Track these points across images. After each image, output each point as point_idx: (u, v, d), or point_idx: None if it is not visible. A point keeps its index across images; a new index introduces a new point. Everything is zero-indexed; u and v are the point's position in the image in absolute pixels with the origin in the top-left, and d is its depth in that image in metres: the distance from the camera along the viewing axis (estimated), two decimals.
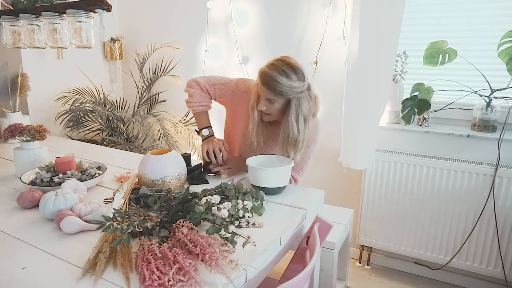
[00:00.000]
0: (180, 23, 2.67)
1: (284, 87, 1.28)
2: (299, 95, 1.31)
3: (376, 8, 1.84)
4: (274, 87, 1.28)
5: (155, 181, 1.27)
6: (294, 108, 1.31)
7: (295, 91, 1.30)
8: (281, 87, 1.27)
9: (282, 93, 1.29)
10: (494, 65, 1.85)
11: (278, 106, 1.34)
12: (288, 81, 1.28)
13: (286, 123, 1.34)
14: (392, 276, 2.19)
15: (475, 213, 1.89)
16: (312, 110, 1.38)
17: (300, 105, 1.32)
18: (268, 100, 1.34)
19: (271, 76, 1.28)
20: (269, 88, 1.29)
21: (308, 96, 1.34)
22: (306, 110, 1.34)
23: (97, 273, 0.84)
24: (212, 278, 0.83)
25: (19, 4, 1.81)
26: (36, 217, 1.14)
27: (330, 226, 1.16)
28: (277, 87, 1.27)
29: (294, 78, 1.29)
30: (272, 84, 1.28)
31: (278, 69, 1.29)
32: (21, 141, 1.51)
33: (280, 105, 1.34)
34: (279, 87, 1.28)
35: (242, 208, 1.07)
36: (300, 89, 1.31)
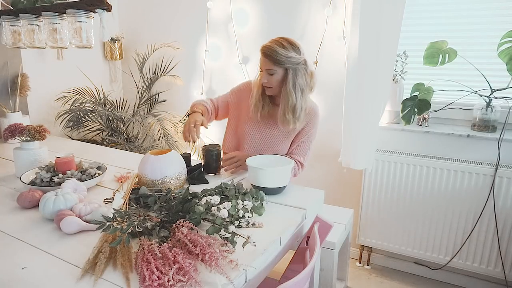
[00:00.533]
0: (180, 23, 2.67)
1: (281, 57, 1.44)
2: (295, 66, 1.47)
3: (376, 8, 1.84)
4: (273, 56, 1.44)
5: (155, 181, 1.27)
6: (291, 77, 1.47)
7: (292, 61, 1.45)
8: (279, 56, 1.43)
9: (280, 62, 1.45)
10: (494, 65, 1.85)
11: (278, 77, 1.48)
12: (285, 51, 1.44)
13: (285, 91, 1.49)
14: (392, 276, 2.19)
15: (475, 213, 1.89)
16: (309, 83, 1.53)
17: (297, 75, 1.48)
18: (268, 72, 1.48)
19: (270, 47, 1.45)
20: (269, 57, 1.45)
21: (304, 69, 1.50)
22: (302, 81, 1.49)
23: (97, 273, 0.84)
24: (212, 278, 0.83)
25: (19, 4, 1.80)
26: (36, 217, 1.14)
27: (330, 226, 1.16)
28: (276, 56, 1.44)
29: (291, 49, 1.46)
30: (271, 54, 1.44)
31: (277, 42, 1.47)
32: (21, 141, 1.51)
33: (279, 76, 1.48)
34: (277, 57, 1.44)
35: (242, 208, 1.07)
36: (297, 60, 1.46)
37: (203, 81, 2.65)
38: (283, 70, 1.47)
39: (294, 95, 1.47)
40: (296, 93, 1.48)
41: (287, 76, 1.47)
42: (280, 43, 1.46)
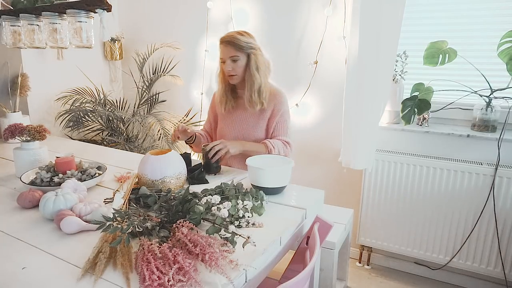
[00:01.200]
0: (180, 23, 2.67)
1: (242, 42, 1.57)
2: (255, 51, 1.60)
3: (376, 8, 1.84)
4: (235, 42, 1.56)
5: (155, 181, 1.27)
6: (253, 60, 1.59)
7: (251, 46, 1.59)
8: (240, 42, 1.56)
9: (242, 47, 1.57)
10: (494, 65, 1.85)
11: (241, 63, 1.59)
12: (244, 38, 1.58)
13: (249, 74, 1.60)
14: (392, 276, 2.19)
15: (475, 213, 1.89)
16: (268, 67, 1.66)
17: (258, 58, 1.60)
18: (231, 59, 1.58)
19: (231, 35, 1.58)
20: (231, 44, 1.57)
21: (261, 56, 1.63)
22: (262, 64, 1.62)
23: (97, 273, 0.84)
24: (212, 278, 0.83)
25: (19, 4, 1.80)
26: (36, 217, 1.14)
27: (330, 226, 1.16)
28: (237, 42, 1.56)
29: (248, 36, 1.61)
30: (232, 41, 1.56)
31: (235, 32, 1.60)
32: (21, 141, 1.51)
33: (243, 62, 1.59)
34: (238, 42, 1.56)
35: (242, 208, 1.07)
36: (255, 46, 1.60)
37: (203, 81, 2.65)
38: (246, 56, 1.59)
39: (258, 76, 1.59)
40: (259, 73, 1.60)
41: (250, 61, 1.59)
42: (237, 32, 1.60)
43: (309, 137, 2.35)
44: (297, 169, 2.40)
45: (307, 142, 2.36)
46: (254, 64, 1.59)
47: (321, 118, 2.30)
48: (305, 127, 2.35)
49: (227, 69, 1.60)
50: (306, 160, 2.38)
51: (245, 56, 1.59)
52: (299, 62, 2.29)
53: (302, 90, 2.30)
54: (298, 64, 2.29)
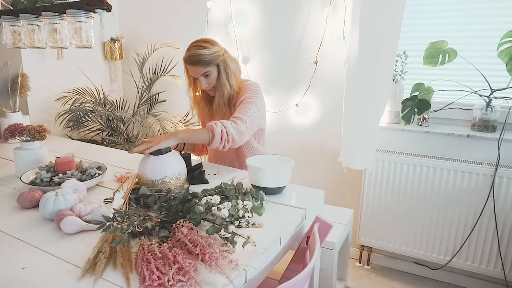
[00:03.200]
0: (180, 23, 2.67)
1: (207, 56, 1.48)
2: (222, 57, 1.52)
3: (376, 8, 1.84)
4: (201, 60, 1.47)
5: (154, 181, 1.27)
6: (223, 69, 1.53)
7: (217, 55, 1.50)
8: (205, 57, 1.47)
9: (210, 61, 1.49)
10: (494, 65, 1.85)
11: (214, 74, 1.53)
12: (207, 50, 1.48)
13: (220, 84, 1.54)
14: (392, 276, 2.19)
15: (475, 213, 1.89)
16: (237, 68, 1.59)
17: (227, 65, 1.53)
18: (204, 76, 1.52)
19: (193, 54, 1.48)
20: (198, 63, 1.48)
21: (229, 57, 1.56)
22: (234, 68, 1.56)
23: (97, 273, 0.84)
24: (212, 278, 0.83)
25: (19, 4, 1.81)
26: (36, 217, 1.14)
27: (330, 226, 1.15)
28: (203, 59, 1.47)
29: (210, 46, 1.50)
30: (198, 59, 1.47)
31: (194, 47, 1.50)
32: (21, 141, 1.51)
33: (215, 73, 1.53)
34: (204, 58, 1.47)
35: (242, 208, 1.07)
36: (221, 52, 1.52)
37: None
38: (215, 67, 1.53)
39: (228, 85, 1.54)
40: (230, 82, 1.54)
41: (220, 70, 1.53)
42: (197, 46, 1.50)
43: (309, 137, 2.35)
44: (297, 169, 2.40)
45: (307, 142, 2.36)
46: (224, 73, 1.54)
47: (321, 118, 2.30)
48: (305, 127, 2.35)
49: (203, 86, 1.56)
50: (306, 160, 2.38)
51: (215, 68, 1.53)
52: (299, 62, 2.29)
53: (302, 90, 2.30)
54: (298, 64, 2.29)
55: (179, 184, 1.32)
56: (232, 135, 1.40)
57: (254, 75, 2.45)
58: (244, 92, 1.56)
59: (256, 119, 1.53)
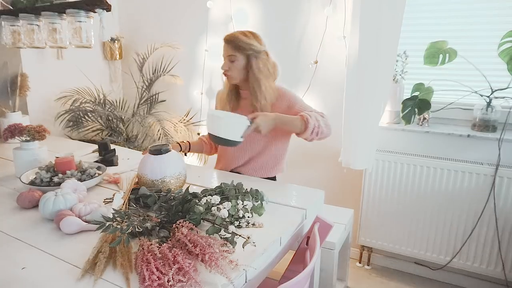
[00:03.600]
0: (180, 23, 2.66)
1: (242, 43, 1.47)
2: (256, 54, 1.49)
3: (376, 8, 1.84)
4: (234, 41, 1.47)
5: (154, 181, 1.27)
6: (255, 63, 1.50)
7: (252, 48, 1.48)
8: (239, 42, 1.47)
9: (240, 48, 1.47)
10: (494, 65, 1.84)
11: (239, 64, 1.50)
12: (246, 38, 1.48)
13: (253, 77, 1.51)
14: (392, 276, 2.19)
15: (475, 213, 1.89)
16: (272, 72, 1.56)
17: (259, 63, 1.50)
18: (229, 58, 1.50)
19: (232, 35, 1.49)
20: (230, 43, 1.48)
21: (266, 59, 1.53)
22: (265, 69, 1.52)
23: (96, 273, 0.84)
24: (212, 278, 0.82)
25: (19, 4, 1.80)
26: (35, 217, 1.14)
27: (330, 226, 1.15)
28: (236, 42, 1.47)
29: (252, 38, 1.49)
30: (233, 40, 1.48)
31: (239, 32, 1.51)
32: (21, 141, 1.50)
33: (240, 63, 1.50)
34: (238, 42, 1.47)
35: (242, 208, 1.07)
36: (257, 48, 1.49)
37: (203, 81, 2.65)
38: (245, 57, 1.50)
39: (263, 80, 1.51)
40: (261, 75, 1.51)
41: (251, 64, 1.50)
42: (242, 32, 1.51)
43: None
44: (297, 169, 2.41)
45: (307, 142, 2.35)
46: (256, 68, 1.50)
47: None
48: None
49: (223, 68, 1.53)
50: (306, 160, 2.38)
51: (243, 57, 1.50)
52: (299, 62, 2.29)
53: (302, 90, 2.30)
54: (298, 64, 2.29)
55: (179, 184, 1.32)
56: (322, 129, 1.43)
57: None
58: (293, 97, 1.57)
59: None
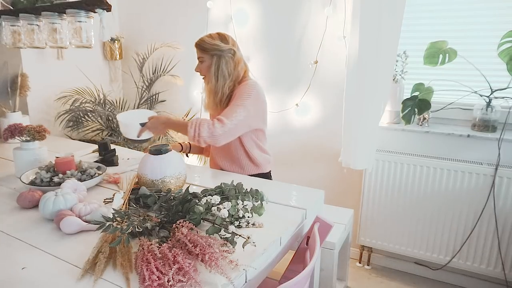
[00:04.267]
0: (180, 23, 2.66)
1: (206, 44, 1.55)
2: (220, 53, 1.55)
3: (376, 8, 1.84)
4: (201, 44, 1.57)
5: (154, 181, 1.27)
6: (215, 63, 1.57)
7: (216, 48, 1.55)
8: (204, 44, 1.56)
9: (205, 49, 1.56)
10: (494, 65, 1.85)
11: (206, 65, 1.58)
12: (211, 40, 1.56)
13: (209, 76, 1.59)
14: (392, 276, 2.19)
15: (475, 213, 1.89)
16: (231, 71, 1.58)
17: (220, 62, 1.56)
18: (199, 60, 1.60)
19: (200, 38, 1.58)
20: (197, 47, 1.58)
21: (230, 58, 1.57)
22: (225, 68, 1.57)
23: (96, 273, 0.84)
24: (212, 278, 0.83)
25: (19, 4, 1.80)
26: (36, 217, 1.14)
27: (330, 226, 1.15)
28: (202, 44, 1.56)
29: (217, 39, 1.57)
30: (199, 43, 1.57)
31: (208, 34, 1.60)
32: (21, 141, 1.51)
33: (207, 63, 1.58)
34: (203, 44, 1.56)
35: (242, 208, 1.07)
36: (222, 48, 1.55)
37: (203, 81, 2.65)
38: (210, 57, 1.57)
39: (214, 79, 1.57)
40: (218, 78, 1.57)
41: (212, 62, 1.57)
42: (209, 35, 1.59)
43: (309, 137, 2.35)
44: (297, 169, 2.41)
45: (307, 142, 2.36)
46: (215, 66, 1.56)
47: (321, 118, 2.30)
48: (305, 127, 2.35)
49: (195, 69, 1.64)
50: (306, 160, 2.38)
51: (210, 58, 1.57)
52: (299, 62, 2.29)
53: (302, 90, 2.30)
54: (298, 64, 2.29)
55: (179, 184, 1.32)
56: (204, 138, 1.44)
57: (254, 75, 2.45)
58: (238, 91, 1.55)
59: (245, 121, 1.51)
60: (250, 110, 1.51)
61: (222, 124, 1.44)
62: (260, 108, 1.59)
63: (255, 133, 1.63)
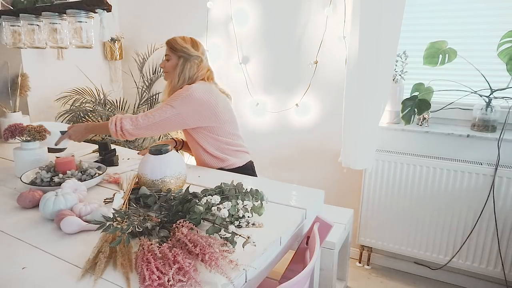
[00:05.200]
0: (180, 23, 2.67)
1: (177, 44, 1.60)
2: (188, 56, 1.60)
3: (376, 8, 1.84)
4: (171, 43, 1.61)
5: (154, 181, 1.27)
6: (181, 64, 1.61)
7: (185, 51, 1.60)
8: (175, 44, 1.61)
9: (175, 49, 1.61)
10: (494, 65, 1.85)
11: (172, 63, 1.62)
12: (182, 42, 1.61)
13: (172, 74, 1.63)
14: (392, 276, 2.19)
15: (475, 213, 1.89)
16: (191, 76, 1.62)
17: (185, 64, 1.61)
18: (166, 57, 1.64)
19: (172, 38, 1.63)
20: (167, 44, 1.63)
21: (196, 64, 1.62)
22: (187, 72, 1.61)
23: (97, 273, 0.84)
24: (212, 278, 0.83)
25: (19, 4, 1.81)
26: (36, 217, 1.14)
27: (330, 226, 1.16)
28: (173, 43, 1.61)
29: (189, 42, 1.62)
30: (170, 41, 1.62)
31: (181, 36, 1.64)
32: (21, 141, 1.51)
33: (173, 62, 1.62)
34: (174, 44, 1.61)
35: (242, 208, 1.07)
36: (190, 52, 1.60)
37: None
38: (177, 58, 1.61)
39: (176, 79, 1.61)
40: (178, 78, 1.61)
41: (178, 63, 1.61)
42: (183, 37, 1.64)
43: (309, 137, 2.35)
44: (297, 169, 2.41)
45: (307, 142, 2.36)
46: (180, 67, 1.61)
47: (321, 118, 2.30)
48: (305, 127, 2.35)
49: (160, 64, 1.68)
50: (306, 160, 2.38)
51: (176, 59, 1.61)
52: (299, 62, 2.29)
53: (302, 90, 2.30)
54: (298, 64, 2.29)
55: (179, 184, 1.32)
56: (128, 130, 1.52)
57: (254, 75, 2.45)
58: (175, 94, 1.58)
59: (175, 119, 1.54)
60: (181, 111, 1.54)
61: (146, 118, 1.54)
62: (195, 109, 1.56)
63: (210, 130, 1.63)
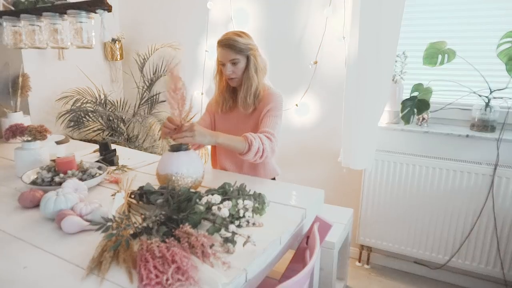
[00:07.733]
0: (180, 23, 2.67)
1: (241, 44, 1.50)
2: (254, 52, 1.54)
3: (376, 8, 1.84)
4: (234, 45, 1.49)
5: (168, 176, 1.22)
6: (252, 62, 1.54)
7: (250, 47, 1.53)
8: (239, 44, 1.50)
9: (242, 50, 1.51)
10: (493, 66, 1.85)
11: (241, 65, 1.53)
12: (243, 39, 1.51)
13: (247, 76, 1.54)
14: (391, 276, 2.20)
15: (474, 212, 1.89)
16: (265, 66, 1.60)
17: (257, 60, 1.55)
18: (231, 62, 1.52)
19: (229, 38, 1.51)
20: (230, 47, 1.50)
21: (260, 55, 1.58)
22: (261, 64, 1.57)
23: (103, 271, 0.84)
24: (212, 278, 0.83)
25: (20, 5, 1.81)
26: (37, 217, 1.14)
27: (329, 225, 1.16)
28: (237, 45, 1.50)
29: (246, 37, 1.54)
30: (232, 43, 1.49)
31: (231, 33, 1.53)
32: (22, 141, 1.51)
33: (242, 64, 1.53)
34: (238, 45, 1.50)
35: (243, 208, 1.07)
36: (253, 46, 1.55)
37: (203, 81, 2.65)
38: (245, 58, 1.53)
39: (256, 79, 1.54)
40: (258, 76, 1.55)
41: (249, 62, 1.54)
42: (236, 34, 1.53)
43: (309, 137, 2.35)
44: (297, 169, 2.41)
45: (307, 142, 2.37)
46: (253, 66, 1.53)
47: (321, 118, 2.30)
48: (305, 127, 2.36)
49: (227, 73, 1.53)
50: (306, 160, 2.39)
51: (244, 58, 1.53)
52: (299, 62, 2.29)
53: (302, 90, 2.31)
54: (298, 64, 2.30)
55: (196, 184, 1.28)
56: (267, 153, 1.42)
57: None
58: (271, 101, 1.55)
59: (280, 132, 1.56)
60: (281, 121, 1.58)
61: (275, 139, 1.47)
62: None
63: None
